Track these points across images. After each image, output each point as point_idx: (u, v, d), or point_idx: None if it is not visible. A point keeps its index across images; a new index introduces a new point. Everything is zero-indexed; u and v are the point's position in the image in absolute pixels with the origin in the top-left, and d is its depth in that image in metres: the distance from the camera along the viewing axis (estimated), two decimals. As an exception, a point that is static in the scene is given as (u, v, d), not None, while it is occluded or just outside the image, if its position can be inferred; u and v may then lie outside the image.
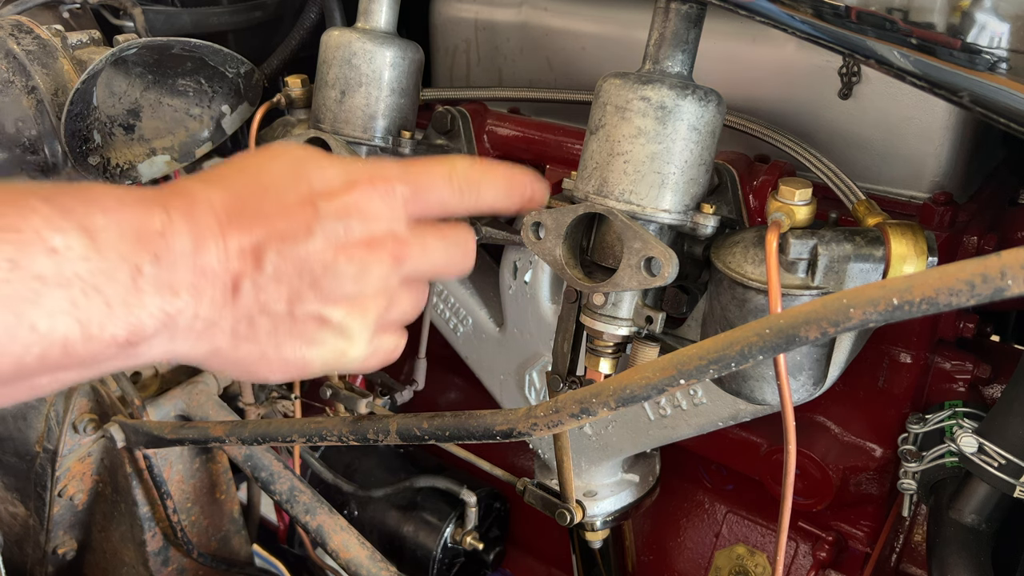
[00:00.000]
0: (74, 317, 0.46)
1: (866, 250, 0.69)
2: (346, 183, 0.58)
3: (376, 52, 0.95)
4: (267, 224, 0.55)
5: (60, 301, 0.46)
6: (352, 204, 0.57)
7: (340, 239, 0.56)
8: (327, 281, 0.56)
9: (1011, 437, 0.79)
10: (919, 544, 1.07)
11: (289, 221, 0.55)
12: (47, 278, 0.45)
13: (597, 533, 1.11)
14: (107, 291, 0.47)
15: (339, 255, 0.56)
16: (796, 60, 0.89)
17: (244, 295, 0.54)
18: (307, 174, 0.58)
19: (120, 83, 1.02)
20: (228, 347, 0.56)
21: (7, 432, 1.18)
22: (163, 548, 1.27)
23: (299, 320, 0.57)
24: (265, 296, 0.55)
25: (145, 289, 0.49)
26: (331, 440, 0.86)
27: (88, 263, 0.47)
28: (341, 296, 0.57)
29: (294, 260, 0.55)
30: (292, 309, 0.56)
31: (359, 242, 0.57)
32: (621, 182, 0.73)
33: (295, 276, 0.55)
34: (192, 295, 0.52)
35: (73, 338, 0.47)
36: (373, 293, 0.59)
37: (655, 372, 0.59)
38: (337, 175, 0.58)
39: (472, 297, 1.17)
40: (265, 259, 0.54)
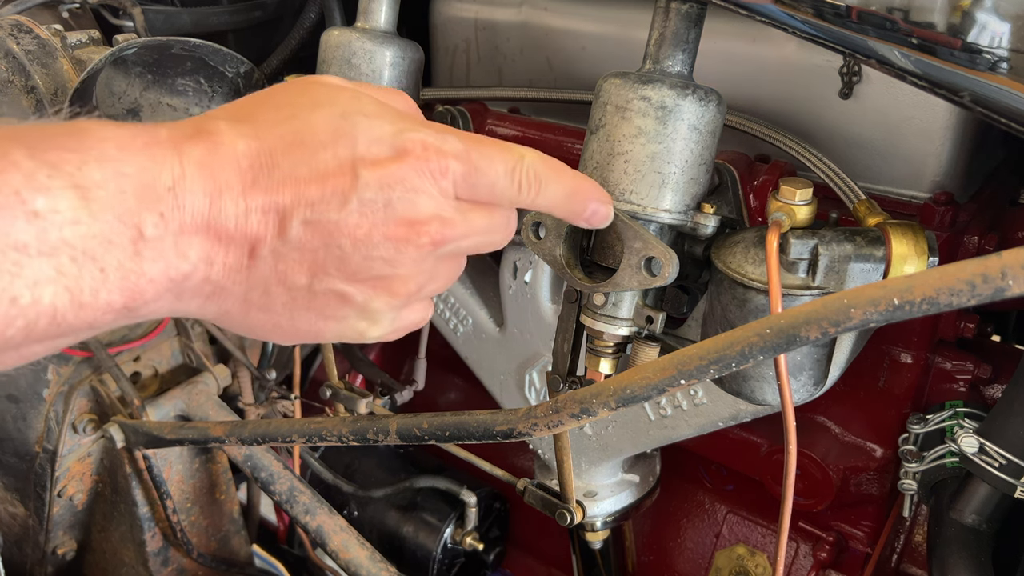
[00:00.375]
0: (62, 285, 0.41)
1: (867, 250, 0.68)
2: (395, 151, 0.50)
3: (376, 52, 0.94)
4: (297, 187, 0.48)
5: (44, 270, 0.40)
6: (397, 176, 0.50)
7: (378, 214, 0.50)
8: (357, 258, 0.50)
9: (1012, 437, 0.79)
10: (920, 544, 1.07)
11: (323, 187, 0.48)
12: (28, 247, 0.39)
13: (597, 533, 1.11)
14: (101, 257, 0.42)
15: (374, 232, 0.50)
16: (797, 60, 0.89)
17: (262, 262, 0.48)
18: (353, 132, 0.50)
19: (120, 83, 1.02)
20: (238, 312, 0.51)
21: (7, 432, 1.18)
22: (163, 548, 1.27)
23: (319, 295, 0.51)
24: (285, 266, 0.49)
25: (146, 254, 0.44)
26: (331, 440, 0.86)
27: (78, 227, 0.41)
28: (370, 276, 0.51)
29: (322, 230, 0.49)
30: (313, 283, 0.50)
31: (399, 220, 0.50)
32: (621, 182, 0.73)
33: (321, 248, 0.49)
34: (202, 259, 0.46)
35: (62, 307, 0.41)
36: (405, 276, 0.53)
37: (655, 372, 0.59)
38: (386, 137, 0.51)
39: (472, 297, 1.17)
40: (290, 226, 0.48)
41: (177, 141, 0.46)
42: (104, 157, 0.43)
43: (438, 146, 0.52)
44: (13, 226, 0.39)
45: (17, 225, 0.39)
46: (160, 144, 0.45)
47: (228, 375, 1.28)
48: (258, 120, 0.50)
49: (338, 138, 0.50)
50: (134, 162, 0.43)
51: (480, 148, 0.55)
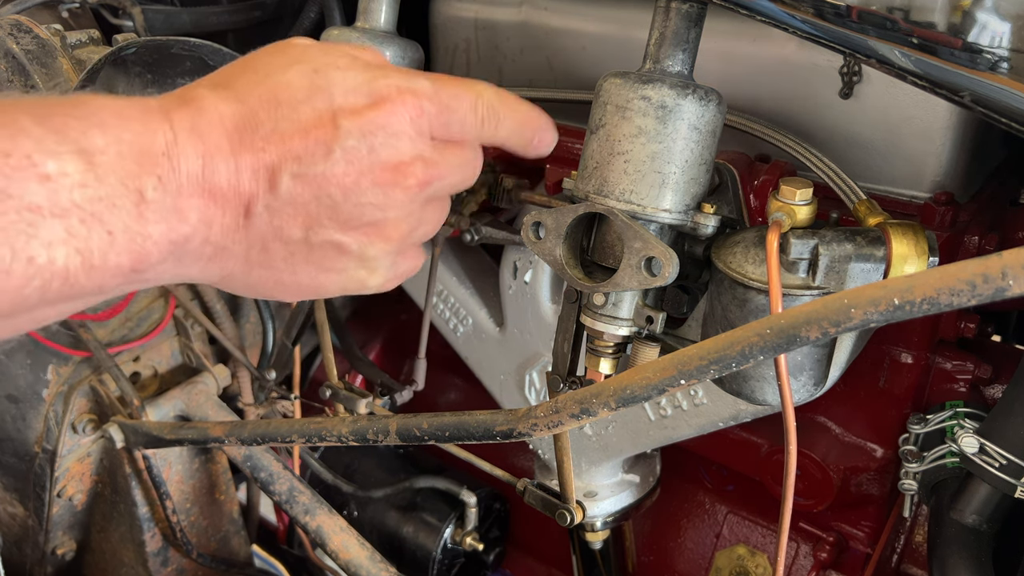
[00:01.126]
0: (73, 247, 0.43)
1: (867, 250, 0.68)
2: (371, 98, 0.52)
3: (376, 52, 0.94)
4: (282, 143, 0.50)
5: (57, 231, 0.42)
6: (377, 122, 0.52)
7: (363, 162, 0.52)
8: (348, 207, 0.52)
9: (1012, 437, 0.79)
10: (920, 545, 1.07)
11: (306, 140, 0.50)
12: (42, 208, 0.41)
13: (597, 534, 1.11)
14: (108, 219, 0.44)
15: (361, 179, 0.52)
16: (797, 59, 0.89)
17: (257, 219, 0.50)
18: (328, 85, 0.52)
19: (119, 83, 1.02)
20: (240, 272, 0.53)
21: (6, 432, 1.18)
22: (162, 548, 1.27)
23: (316, 247, 0.53)
24: (279, 221, 0.51)
25: (149, 216, 0.46)
26: (331, 440, 0.86)
27: (86, 190, 0.43)
28: (362, 223, 0.53)
29: (311, 183, 0.50)
30: (308, 236, 0.52)
31: (384, 166, 0.53)
32: (621, 182, 0.72)
33: (312, 200, 0.51)
34: (201, 220, 0.48)
35: (74, 269, 0.43)
36: (396, 219, 0.55)
37: (655, 372, 0.59)
38: (361, 86, 0.53)
39: (472, 297, 1.17)
40: (280, 181, 0.50)
41: (166, 109, 0.48)
42: (104, 124, 0.45)
43: (412, 88, 0.54)
44: (27, 188, 0.41)
45: (31, 187, 0.41)
46: (151, 112, 0.48)
47: (228, 375, 1.28)
48: (237, 84, 0.52)
49: (315, 92, 0.51)
50: (131, 128, 0.46)
51: (447, 87, 0.57)
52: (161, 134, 0.47)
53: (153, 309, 1.24)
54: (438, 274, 1.16)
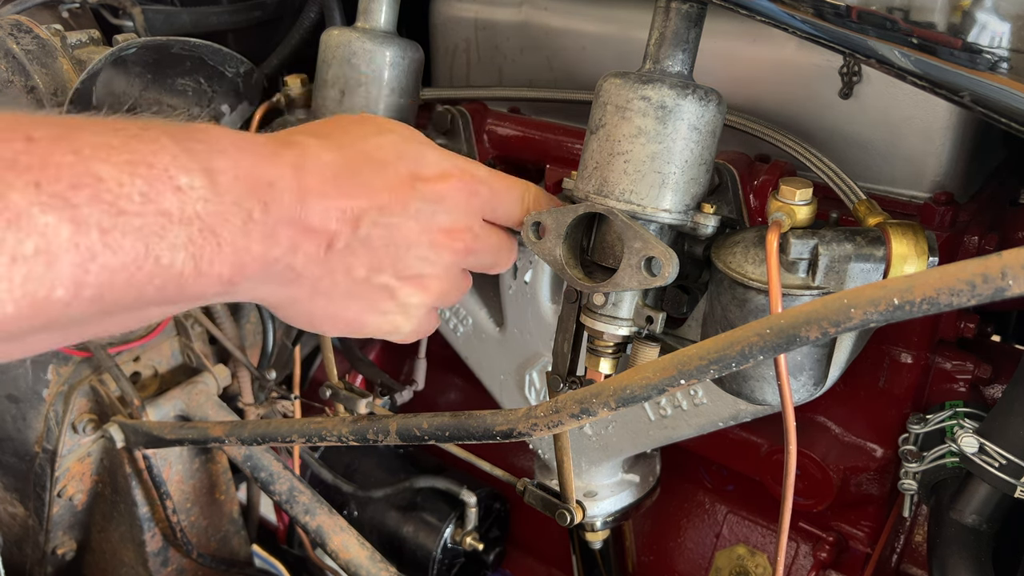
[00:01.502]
0: (190, 253, 0.49)
1: (867, 250, 0.68)
2: (442, 172, 0.63)
3: (376, 51, 0.94)
4: (371, 195, 0.58)
5: (181, 237, 0.48)
6: (444, 192, 0.62)
7: (427, 222, 0.61)
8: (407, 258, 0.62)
9: (1012, 437, 0.79)
10: (920, 544, 1.07)
11: (390, 195, 0.59)
12: (172, 215, 0.47)
13: (597, 533, 1.11)
14: (221, 232, 0.50)
15: (422, 236, 0.61)
16: (797, 59, 0.89)
17: (335, 254, 0.58)
18: (411, 154, 0.62)
19: (119, 83, 1.02)
20: (305, 298, 0.60)
21: (6, 432, 1.18)
22: (162, 548, 1.27)
23: (374, 288, 0.62)
24: (352, 259, 0.59)
25: (252, 234, 0.52)
26: (331, 440, 0.86)
27: (207, 204, 0.49)
28: (413, 274, 0.63)
29: (385, 231, 0.60)
30: (370, 276, 0.61)
31: (441, 228, 0.62)
32: (621, 182, 0.72)
33: (382, 247, 0.60)
34: (290, 247, 0.55)
35: (188, 272, 0.49)
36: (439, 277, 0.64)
37: (655, 372, 0.59)
38: (436, 162, 0.63)
39: (472, 297, 1.17)
40: (362, 224, 0.58)
41: (276, 147, 0.56)
42: (225, 151, 0.51)
43: (472, 172, 0.65)
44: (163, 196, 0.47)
45: (166, 196, 0.47)
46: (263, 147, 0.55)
47: (228, 375, 1.28)
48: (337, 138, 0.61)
49: (402, 158, 0.62)
50: (246, 158, 0.53)
51: (500, 178, 0.68)
52: (270, 167, 0.54)
53: (153, 309, 1.24)
54: (438, 274, 1.16)
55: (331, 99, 0.97)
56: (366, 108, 0.96)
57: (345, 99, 0.96)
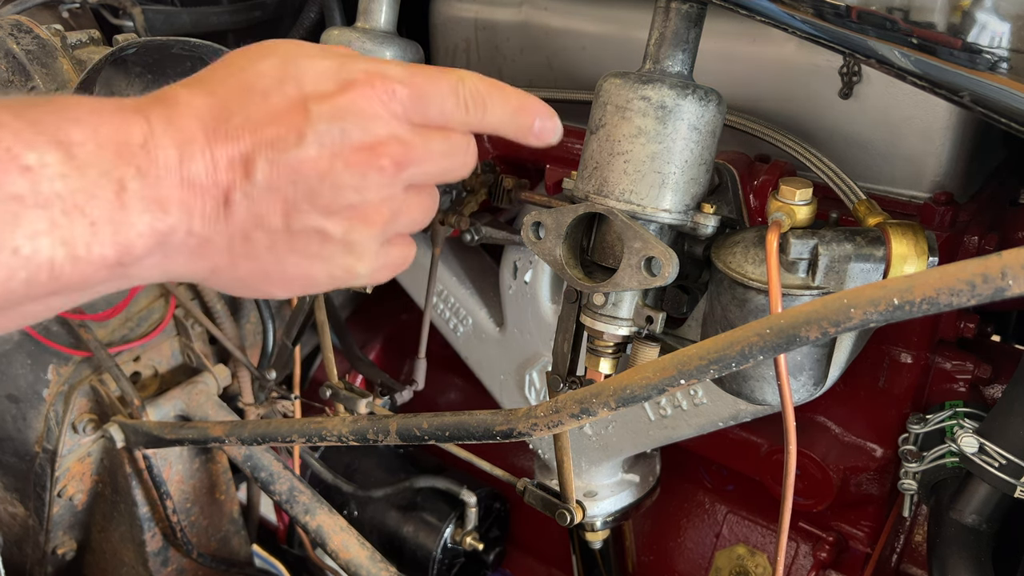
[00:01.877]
0: (57, 238, 0.43)
1: (867, 250, 0.68)
2: (341, 83, 0.53)
3: (376, 52, 0.94)
4: (255, 131, 0.50)
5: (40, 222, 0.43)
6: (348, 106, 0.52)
7: (336, 145, 0.52)
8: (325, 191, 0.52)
9: (1012, 437, 0.79)
10: (920, 544, 1.07)
11: (278, 126, 0.51)
12: (24, 198, 0.42)
13: (597, 533, 1.11)
14: (90, 210, 0.44)
15: (335, 162, 0.52)
16: (796, 59, 0.89)
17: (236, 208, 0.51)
18: (298, 73, 0.53)
19: (119, 83, 1.02)
20: (226, 265, 0.53)
21: (6, 432, 1.18)
22: (162, 548, 1.27)
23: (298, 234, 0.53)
24: (258, 208, 0.51)
25: (131, 206, 0.46)
26: (331, 440, 0.86)
27: (66, 181, 0.44)
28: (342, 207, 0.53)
29: (286, 169, 0.51)
30: (289, 223, 0.52)
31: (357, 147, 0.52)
32: (621, 182, 0.72)
33: (289, 186, 0.51)
34: (182, 211, 0.49)
35: (59, 260, 0.44)
36: (376, 202, 0.54)
37: (655, 372, 0.59)
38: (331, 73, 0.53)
39: (472, 297, 1.17)
40: (255, 169, 0.50)
41: (142, 105, 0.49)
42: (81, 119, 0.46)
43: (382, 72, 0.54)
44: (7, 179, 0.42)
45: (11, 178, 0.42)
46: (128, 109, 0.49)
47: (228, 375, 1.28)
48: (208, 80, 0.53)
49: (285, 80, 0.52)
50: (107, 123, 0.47)
51: (422, 71, 0.57)
52: (138, 127, 0.48)
53: (153, 309, 1.24)
54: (438, 274, 1.16)
55: (331, 99, 0.97)
56: (366, 108, 0.96)
57: (345, 99, 0.96)
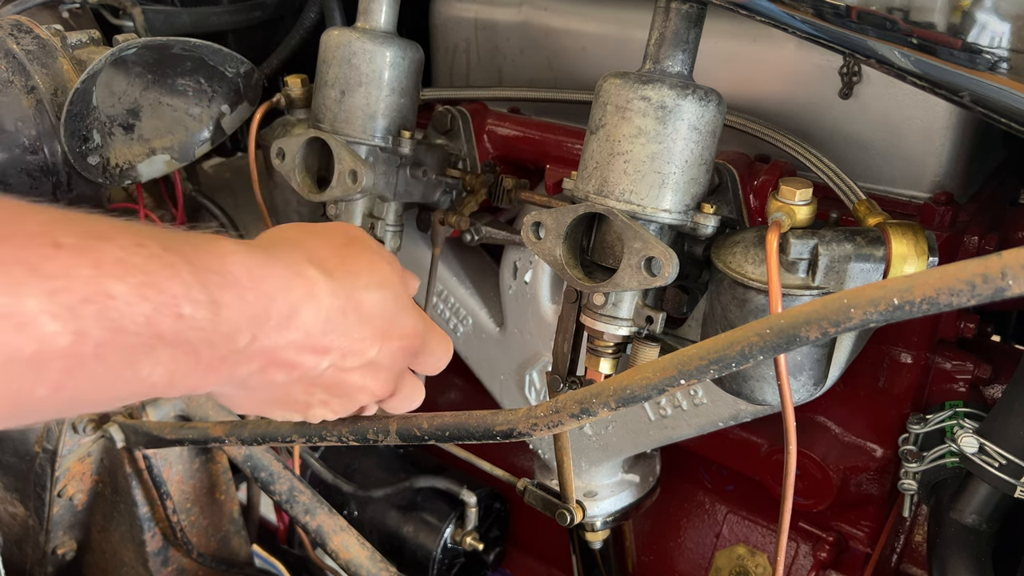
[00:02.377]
0: (169, 369, 0.49)
1: (867, 250, 0.68)
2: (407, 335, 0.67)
3: (376, 52, 0.94)
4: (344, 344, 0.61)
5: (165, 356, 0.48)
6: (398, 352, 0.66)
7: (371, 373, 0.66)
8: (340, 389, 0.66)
9: (1012, 437, 0.79)
10: (920, 544, 1.07)
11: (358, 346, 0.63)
12: (165, 337, 0.47)
13: (597, 533, 1.11)
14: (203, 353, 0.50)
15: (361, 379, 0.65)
16: (796, 60, 0.89)
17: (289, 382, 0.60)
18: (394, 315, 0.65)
19: (120, 83, 1.02)
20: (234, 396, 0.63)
21: (6, 432, 1.18)
22: (163, 548, 1.27)
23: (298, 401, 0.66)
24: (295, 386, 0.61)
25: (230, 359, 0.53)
26: (331, 440, 0.86)
27: (203, 333, 0.49)
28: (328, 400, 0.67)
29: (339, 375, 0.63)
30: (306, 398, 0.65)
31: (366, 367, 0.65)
32: (621, 182, 0.72)
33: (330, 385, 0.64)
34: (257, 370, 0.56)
35: (161, 385, 0.50)
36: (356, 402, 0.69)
37: (655, 372, 0.59)
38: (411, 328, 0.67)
39: (472, 297, 1.17)
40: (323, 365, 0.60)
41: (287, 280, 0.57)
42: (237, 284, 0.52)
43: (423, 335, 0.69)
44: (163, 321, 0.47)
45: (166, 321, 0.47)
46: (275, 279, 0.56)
47: (228, 375, 1.28)
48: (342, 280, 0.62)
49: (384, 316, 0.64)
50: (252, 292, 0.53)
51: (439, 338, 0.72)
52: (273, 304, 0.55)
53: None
54: (438, 274, 1.16)
55: (331, 99, 0.97)
56: (366, 108, 0.96)
57: (345, 99, 0.96)
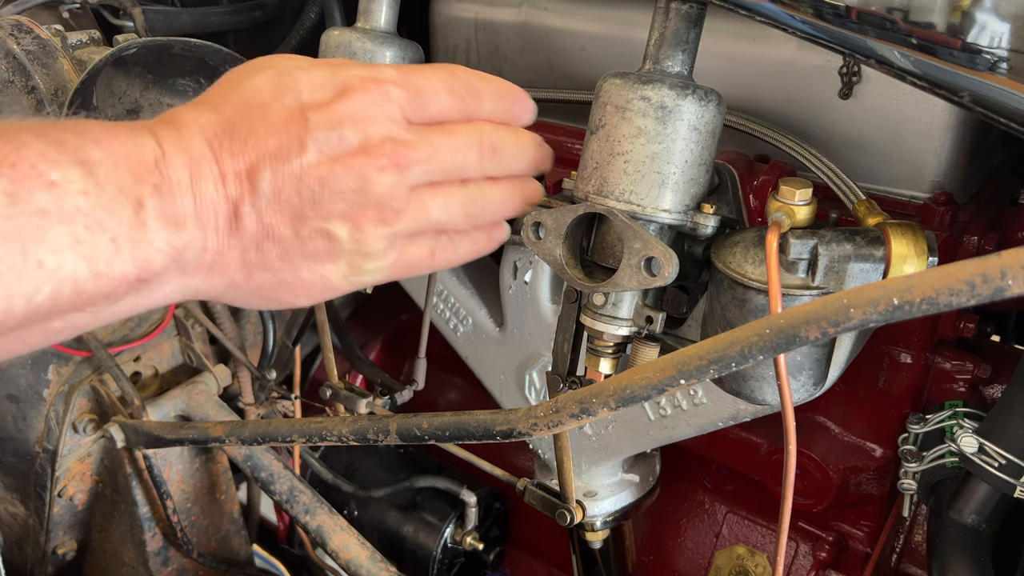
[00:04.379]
0: (80, 254, 0.45)
1: (866, 250, 0.68)
2: (337, 90, 0.54)
3: (376, 52, 0.94)
4: (257, 144, 0.52)
5: (64, 237, 0.44)
6: (344, 112, 0.54)
7: (335, 151, 0.53)
8: (328, 195, 0.54)
9: (1011, 437, 0.79)
10: (919, 544, 1.07)
11: (279, 138, 0.53)
12: (49, 213, 0.44)
13: (597, 533, 1.11)
14: (111, 226, 0.46)
15: (335, 167, 0.53)
16: (796, 60, 0.89)
17: (246, 221, 0.53)
18: (294, 84, 0.55)
19: (120, 83, 1.02)
20: (243, 278, 0.55)
21: (7, 432, 1.18)
22: (163, 548, 1.27)
23: (307, 240, 0.54)
24: (268, 219, 0.53)
25: (149, 223, 0.48)
26: (331, 440, 0.86)
27: (88, 197, 0.45)
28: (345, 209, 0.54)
29: (289, 178, 0.53)
30: (297, 230, 0.54)
31: (356, 151, 0.54)
32: (621, 182, 0.73)
33: (294, 195, 0.53)
34: (196, 226, 0.51)
35: (82, 276, 0.45)
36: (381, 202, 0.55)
37: (655, 372, 0.59)
38: (326, 81, 0.55)
39: (472, 297, 1.17)
40: (260, 181, 0.52)
41: (152, 127, 0.52)
42: (99, 139, 0.48)
43: (376, 76, 0.56)
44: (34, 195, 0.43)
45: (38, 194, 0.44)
46: (139, 130, 0.51)
47: (228, 375, 1.28)
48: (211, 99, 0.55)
49: (282, 92, 0.54)
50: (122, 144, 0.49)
51: (416, 71, 0.58)
52: (150, 148, 0.50)
53: (154, 309, 1.24)
54: (438, 274, 1.16)
55: (331, 99, 0.97)
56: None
57: (345, 99, 0.96)
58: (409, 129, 0.56)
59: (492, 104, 0.62)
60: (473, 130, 0.60)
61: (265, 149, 0.52)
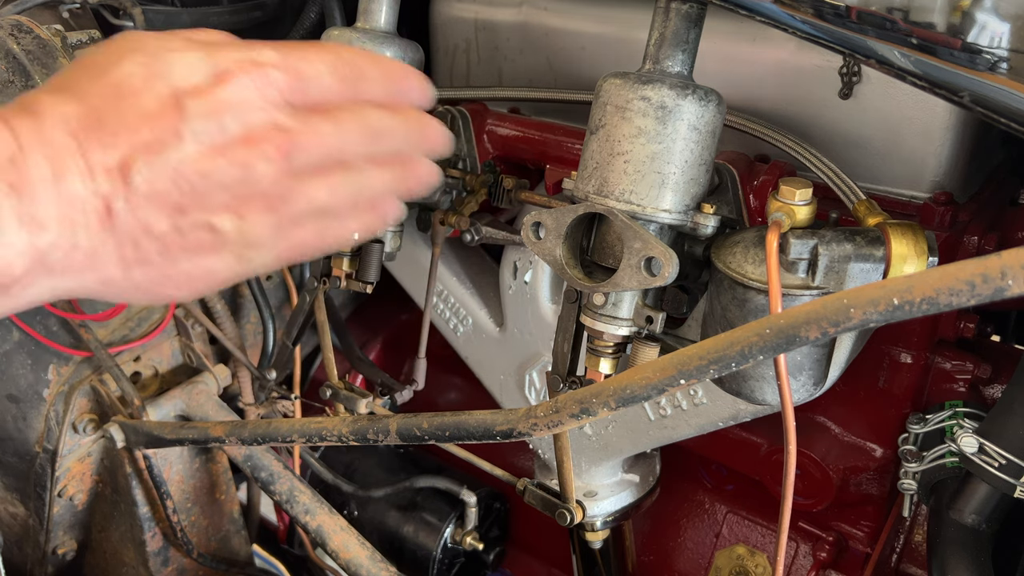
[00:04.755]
0: None
1: (866, 250, 0.68)
2: (213, 74, 0.51)
3: (376, 52, 0.94)
4: (129, 136, 0.48)
5: None
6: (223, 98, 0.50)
7: (215, 140, 0.50)
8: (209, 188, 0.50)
9: (1011, 437, 0.79)
10: (919, 544, 1.07)
11: (153, 128, 0.49)
12: None
13: (597, 533, 1.11)
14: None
15: (217, 158, 0.50)
16: (796, 60, 0.89)
17: (120, 218, 0.48)
18: (166, 69, 0.50)
19: (120, 83, 1.02)
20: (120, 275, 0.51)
21: (7, 432, 1.18)
22: (163, 548, 1.27)
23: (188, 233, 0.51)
24: (143, 215, 0.49)
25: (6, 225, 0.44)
26: (331, 440, 0.86)
27: None
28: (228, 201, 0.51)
29: (166, 172, 0.49)
30: (177, 224, 0.50)
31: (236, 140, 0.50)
32: (621, 182, 0.73)
33: (172, 188, 0.49)
34: (62, 226, 0.47)
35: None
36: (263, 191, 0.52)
37: (655, 372, 0.59)
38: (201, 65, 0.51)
39: (472, 297, 1.17)
40: (134, 175, 0.48)
41: (5, 117, 0.47)
42: None
43: (254, 58, 0.52)
44: None
45: None
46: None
47: (228, 375, 1.28)
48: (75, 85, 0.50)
49: (154, 78, 0.50)
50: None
51: (296, 51, 0.55)
52: (4, 143, 0.46)
53: (154, 309, 1.24)
54: (438, 274, 1.16)
55: (331, 99, 0.97)
56: (366, 108, 0.96)
57: (345, 99, 0.96)
58: (292, 115, 0.53)
59: (379, 86, 0.59)
60: (357, 114, 0.57)
61: (138, 141, 0.48)
